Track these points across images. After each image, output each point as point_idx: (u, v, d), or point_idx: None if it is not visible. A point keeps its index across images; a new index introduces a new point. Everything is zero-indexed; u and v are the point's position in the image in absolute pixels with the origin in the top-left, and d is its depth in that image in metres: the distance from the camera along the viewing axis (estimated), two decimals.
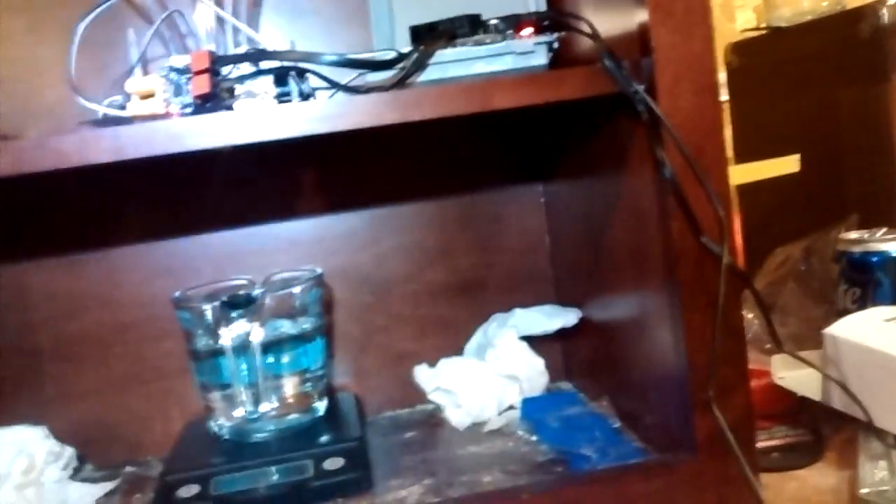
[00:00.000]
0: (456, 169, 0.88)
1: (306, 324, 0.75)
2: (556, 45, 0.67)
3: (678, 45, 0.57)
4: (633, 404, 0.72)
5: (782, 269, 0.95)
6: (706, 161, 0.57)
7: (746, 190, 1.06)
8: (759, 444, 0.62)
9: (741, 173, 0.78)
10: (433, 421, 0.83)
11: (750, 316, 0.81)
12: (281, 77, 0.64)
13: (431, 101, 0.57)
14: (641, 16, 0.57)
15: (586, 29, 0.62)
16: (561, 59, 0.68)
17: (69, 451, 0.76)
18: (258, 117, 0.56)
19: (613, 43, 0.61)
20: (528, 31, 0.66)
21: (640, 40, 0.58)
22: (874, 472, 0.61)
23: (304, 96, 0.63)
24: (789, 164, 0.88)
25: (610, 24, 0.62)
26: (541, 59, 0.66)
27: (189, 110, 0.61)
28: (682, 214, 0.57)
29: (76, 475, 0.77)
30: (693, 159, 0.56)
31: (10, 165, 0.54)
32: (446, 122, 0.58)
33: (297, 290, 0.74)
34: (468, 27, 0.65)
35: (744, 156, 1.00)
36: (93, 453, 0.82)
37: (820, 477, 0.63)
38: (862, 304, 0.78)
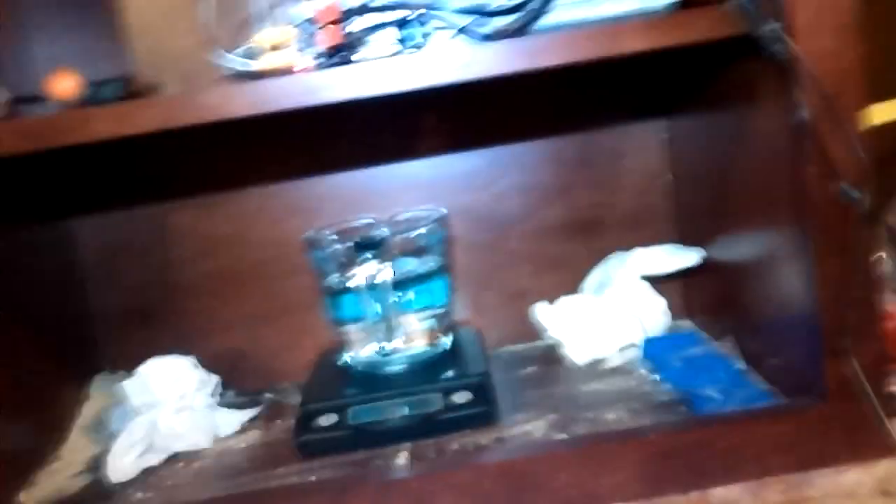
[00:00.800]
0: (576, 106, 0.87)
1: (431, 262, 0.78)
2: None
3: None
4: (757, 346, 0.71)
5: None
6: (845, 103, 0.55)
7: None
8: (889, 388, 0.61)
9: (883, 111, 0.74)
10: (552, 357, 0.85)
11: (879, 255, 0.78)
12: (403, 24, 0.65)
13: (560, 47, 0.57)
14: None
15: None
16: None
17: (215, 379, 0.82)
18: (392, 69, 0.57)
19: None
20: None
21: None
22: None
23: (425, 43, 0.64)
24: None
25: None
26: None
27: (321, 61, 0.63)
28: (819, 159, 0.56)
29: (221, 401, 0.84)
30: (832, 102, 0.54)
31: (159, 120, 0.58)
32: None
33: (422, 230, 0.76)
34: None
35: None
36: (233, 381, 0.89)
37: None
38: None
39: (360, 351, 0.77)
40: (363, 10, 0.64)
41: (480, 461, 0.59)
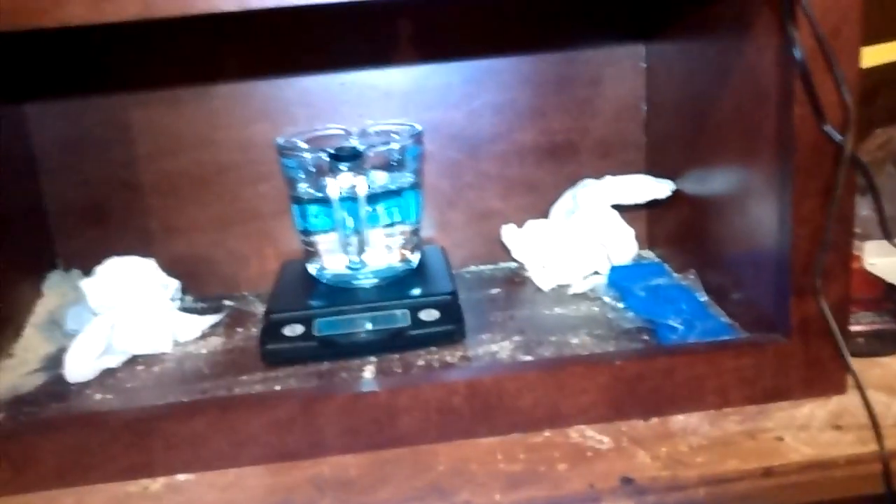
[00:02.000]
0: (557, 23, 0.86)
1: (405, 177, 0.76)
2: None
3: None
4: (721, 280, 0.73)
5: (881, 152, 0.92)
6: (840, 44, 0.55)
7: None
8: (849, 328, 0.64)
9: (875, 54, 0.74)
10: (517, 280, 0.86)
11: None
12: None
13: None
14: None
15: None
16: None
17: (175, 283, 0.81)
18: None
19: None
20: None
21: None
22: None
23: None
24: None
25: None
26: None
27: None
28: (807, 100, 0.56)
29: (180, 306, 0.82)
30: (827, 42, 0.54)
31: (140, 8, 0.54)
32: None
33: (398, 145, 0.75)
34: None
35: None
36: (192, 286, 0.87)
37: None
38: None
39: (329, 263, 0.76)
40: None
41: (449, 378, 0.59)
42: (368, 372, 0.67)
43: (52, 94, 0.82)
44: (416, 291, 0.74)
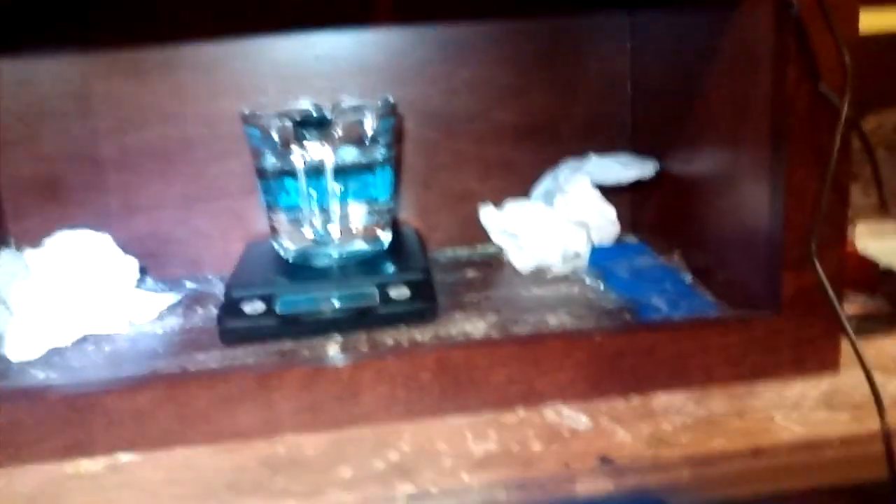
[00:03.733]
0: None
1: (376, 153, 0.73)
2: None
3: None
4: (706, 260, 0.69)
5: (873, 137, 0.89)
6: (837, 2, 0.52)
7: None
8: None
9: (874, 19, 0.70)
10: (494, 262, 0.82)
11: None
12: None
13: None
14: None
15: None
16: None
17: (133, 262, 0.76)
18: None
19: None
20: None
21: None
22: None
23: None
24: None
25: None
26: None
27: None
28: (803, 60, 0.52)
29: (138, 286, 0.78)
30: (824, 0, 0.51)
31: None
32: None
33: (369, 117, 0.71)
34: None
35: None
36: (153, 266, 0.83)
37: None
38: None
39: (294, 240, 0.72)
40: None
41: (417, 352, 0.55)
42: (332, 350, 0.62)
43: (3, 58, 0.78)
44: (387, 269, 0.70)
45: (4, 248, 0.79)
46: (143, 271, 0.81)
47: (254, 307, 0.66)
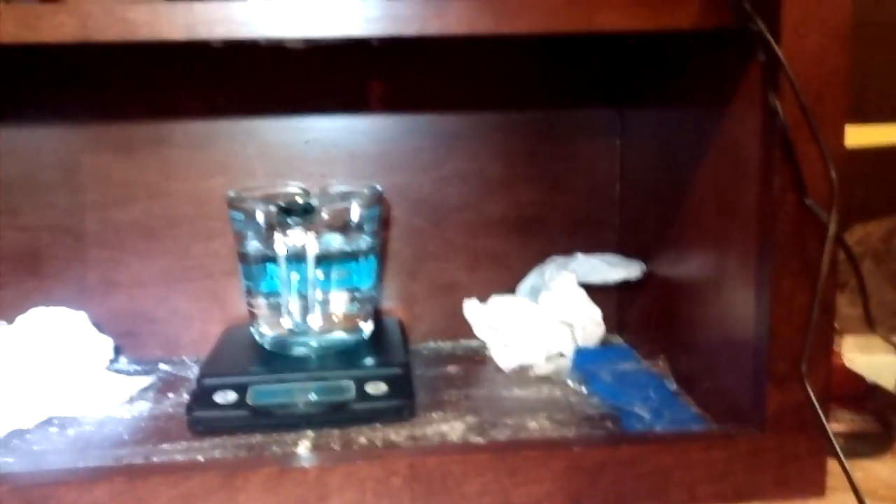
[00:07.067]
0: (531, 85, 0.83)
1: (361, 241, 0.72)
2: None
3: None
4: (692, 368, 0.68)
5: (859, 247, 0.89)
6: (823, 114, 0.52)
7: None
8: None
9: (859, 135, 0.71)
10: (477, 358, 0.80)
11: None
12: None
13: (530, 13, 0.52)
14: None
15: None
16: None
17: (108, 342, 0.75)
18: (337, 9, 0.51)
19: None
20: None
21: None
22: None
23: None
24: None
25: None
26: None
27: None
28: (789, 171, 0.52)
29: (110, 366, 0.76)
30: (811, 112, 0.51)
31: (74, 30, 0.50)
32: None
33: (355, 205, 0.70)
34: None
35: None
36: (129, 345, 0.81)
37: (888, 470, 0.60)
38: None
39: (272, 326, 0.71)
40: None
41: (389, 457, 0.53)
42: (303, 447, 0.60)
43: None
44: (365, 362, 0.69)
45: None
46: (118, 350, 0.79)
47: (225, 397, 0.64)
